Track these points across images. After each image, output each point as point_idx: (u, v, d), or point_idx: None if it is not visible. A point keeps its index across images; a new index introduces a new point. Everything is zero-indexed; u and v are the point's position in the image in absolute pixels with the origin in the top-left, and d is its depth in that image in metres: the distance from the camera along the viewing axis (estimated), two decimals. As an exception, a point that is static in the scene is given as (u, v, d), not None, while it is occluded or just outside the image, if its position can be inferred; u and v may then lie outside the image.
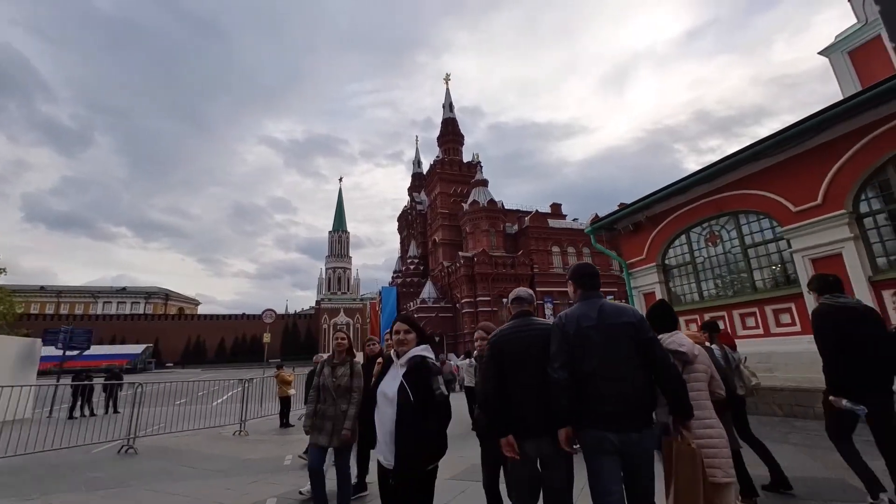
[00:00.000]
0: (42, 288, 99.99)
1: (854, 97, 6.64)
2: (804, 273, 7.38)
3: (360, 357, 4.69)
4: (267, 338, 17.50)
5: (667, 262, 10.31)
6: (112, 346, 73.76)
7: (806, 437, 6.04)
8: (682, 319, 9.74)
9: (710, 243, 9.34)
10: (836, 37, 11.65)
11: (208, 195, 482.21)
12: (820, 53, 11.73)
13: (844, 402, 3.23)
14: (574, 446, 2.39)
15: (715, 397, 3.05)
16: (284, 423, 10.58)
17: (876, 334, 3.31)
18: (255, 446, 8.29)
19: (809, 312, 7.38)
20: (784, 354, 7.56)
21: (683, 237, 9.90)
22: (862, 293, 6.66)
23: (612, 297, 51.85)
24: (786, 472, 4.08)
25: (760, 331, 8.19)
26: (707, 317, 9.18)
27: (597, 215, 57.94)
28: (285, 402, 10.85)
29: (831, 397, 3.32)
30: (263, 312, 17.96)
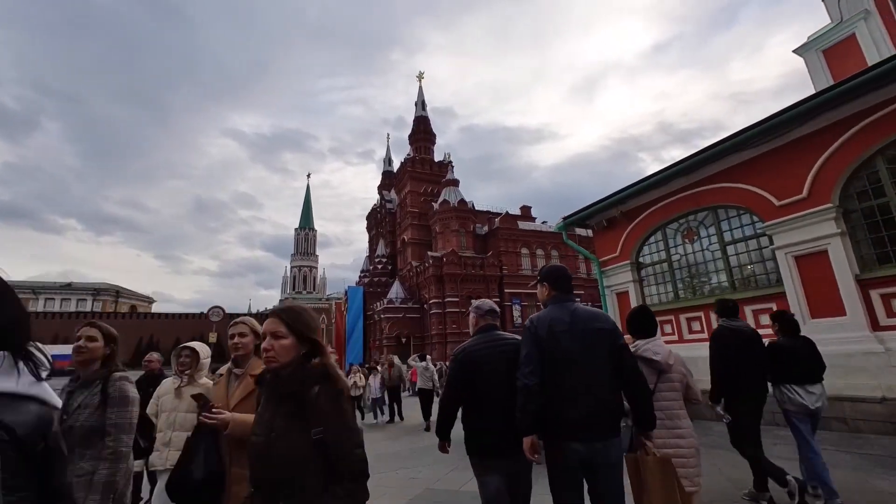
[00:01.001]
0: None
1: (842, 84, 6.19)
2: (787, 271, 6.91)
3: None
4: (213, 338, 15.98)
5: (641, 259, 9.77)
6: (53, 347, 68.31)
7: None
8: (658, 319, 9.22)
9: (686, 240, 8.84)
10: (809, 37, 11.56)
11: (168, 188, 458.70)
12: (794, 52, 11.59)
13: (718, 408, 3.96)
14: (535, 456, 2.28)
15: (692, 405, 3.01)
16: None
17: (758, 355, 3.96)
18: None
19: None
20: (765, 358, 7.08)
21: (659, 234, 9.37)
22: (848, 292, 6.23)
23: (578, 300, 52.21)
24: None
25: (739, 333, 7.70)
26: (683, 318, 8.68)
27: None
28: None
29: (710, 402, 4.01)
30: (210, 310, 16.45)
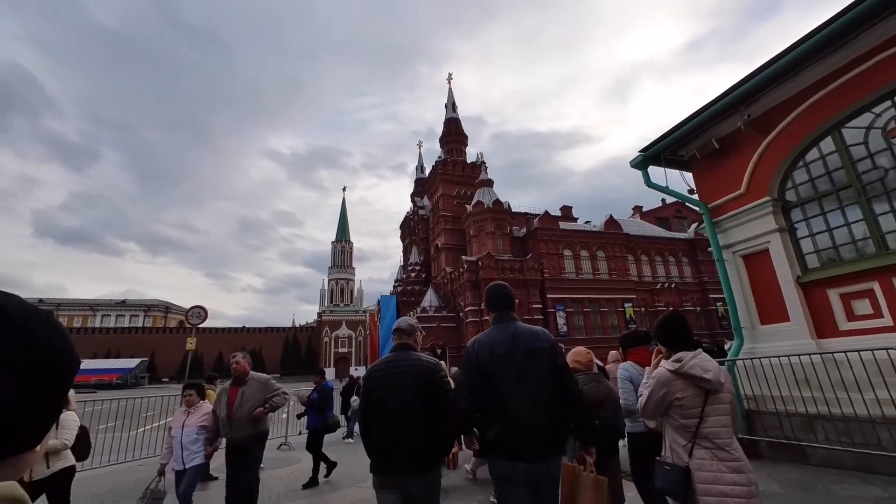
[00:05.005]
0: (41, 301, 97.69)
1: None
2: None
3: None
4: (190, 344, 13.16)
5: (791, 195, 5.78)
6: (104, 361, 71.92)
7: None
8: (836, 292, 5.17)
9: (894, 139, 4.82)
10: None
11: (214, 209, 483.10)
12: None
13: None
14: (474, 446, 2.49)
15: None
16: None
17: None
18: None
19: None
20: None
21: (828, 142, 5.38)
22: None
23: (629, 304, 46.45)
24: None
25: None
26: (902, 282, 4.62)
27: (611, 216, 52.62)
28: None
29: None
30: (190, 310, 13.67)
